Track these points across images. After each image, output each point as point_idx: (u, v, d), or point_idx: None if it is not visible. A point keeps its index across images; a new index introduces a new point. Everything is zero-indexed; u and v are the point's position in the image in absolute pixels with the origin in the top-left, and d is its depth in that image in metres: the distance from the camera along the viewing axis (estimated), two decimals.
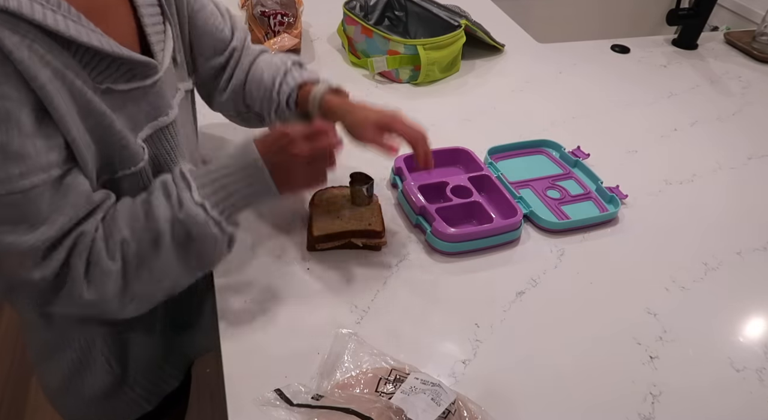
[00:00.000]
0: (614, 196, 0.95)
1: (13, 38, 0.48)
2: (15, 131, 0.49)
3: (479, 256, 0.85)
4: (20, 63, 0.48)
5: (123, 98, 0.60)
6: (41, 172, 0.52)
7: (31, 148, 0.51)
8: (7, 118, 0.49)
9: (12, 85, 0.49)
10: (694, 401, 0.69)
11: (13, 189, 0.50)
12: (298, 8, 1.30)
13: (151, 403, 0.82)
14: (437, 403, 0.60)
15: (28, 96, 0.50)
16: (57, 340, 0.73)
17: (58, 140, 0.54)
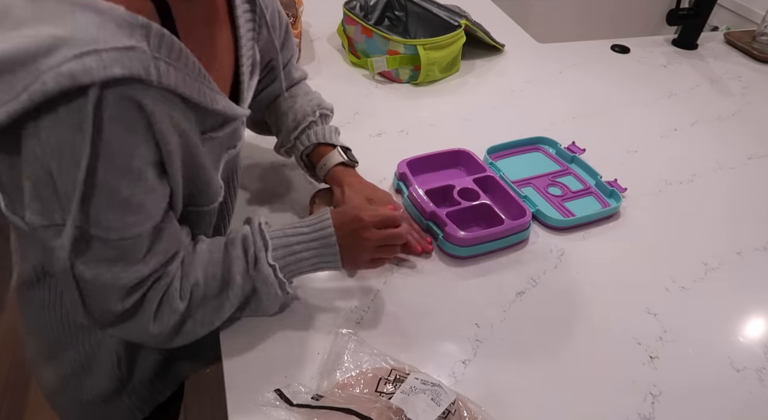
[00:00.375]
0: (614, 190, 0.95)
1: (163, 110, 0.51)
2: (141, 187, 0.53)
3: (488, 258, 0.85)
4: (160, 132, 0.52)
5: (215, 143, 0.64)
6: (151, 221, 0.56)
7: (149, 201, 0.54)
8: (138, 176, 0.52)
9: (149, 147, 0.52)
10: (694, 401, 0.69)
11: (125, 236, 0.54)
12: (298, 8, 1.30)
13: (144, 411, 0.82)
14: (437, 403, 0.60)
15: (156, 155, 0.54)
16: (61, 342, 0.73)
17: (168, 192, 0.58)
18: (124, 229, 0.53)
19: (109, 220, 0.52)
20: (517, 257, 0.86)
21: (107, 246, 0.54)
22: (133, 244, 0.55)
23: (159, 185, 0.55)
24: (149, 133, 0.51)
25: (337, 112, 1.14)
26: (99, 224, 0.52)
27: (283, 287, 0.67)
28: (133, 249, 0.56)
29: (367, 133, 1.09)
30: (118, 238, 0.53)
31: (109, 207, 0.51)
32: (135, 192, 0.52)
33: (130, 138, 0.50)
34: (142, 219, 0.55)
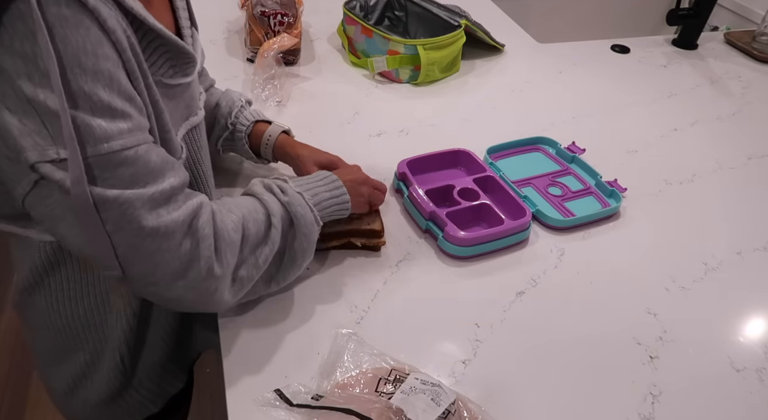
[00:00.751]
0: (614, 190, 0.96)
1: (104, 9, 0.50)
2: (116, 91, 0.51)
3: (487, 258, 0.85)
4: (113, 32, 0.50)
5: (167, 93, 0.63)
6: (144, 132, 0.54)
7: (132, 109, 0.53)
8: (110, 78, 0.50)
9: (110, 48, 0.50)
10: (694, 401, 0.69)
11: (126, 144, 0.52)
12: (298, 8, 1.30)
13: (157, 405, 0.82)
14: (437, 403, 0.60)
15: (120, 61, 0.52)
16: (69, 344, 0.73)
17: (144, 109, 0.55)
18: (122, 135, 0.51)
19: (102, 128, 0.50)
20: (517, 257, 0.86)
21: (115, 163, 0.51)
22: (139, 158, 0.53)
23: (135, 95, 0.54)
24: (104, 32, 0.50)
25: (337, 112, 1.14)
26: (95, 137, 0.50)
27: (314, 213, 0.70)
28: (143, 164, 0.53)
29: (367, 133, 1.09)
30: (120, 148, 0.51)
31: (96, 114, 0.50)
32: (113, 96, 0.51)
33: (87, 36, 0.48)
34: (134, 128, 0.53)
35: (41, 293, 0.70)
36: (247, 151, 0.89)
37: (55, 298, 0.70)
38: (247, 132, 0.88)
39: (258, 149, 0.90)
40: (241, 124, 0.88)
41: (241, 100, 0.90)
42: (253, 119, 0.89)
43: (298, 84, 1.22)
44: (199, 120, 0.72)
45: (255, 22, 1.24)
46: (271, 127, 0.89)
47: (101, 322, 0.72)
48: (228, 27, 1.41)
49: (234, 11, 1.48)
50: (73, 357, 0.74)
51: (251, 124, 0.88)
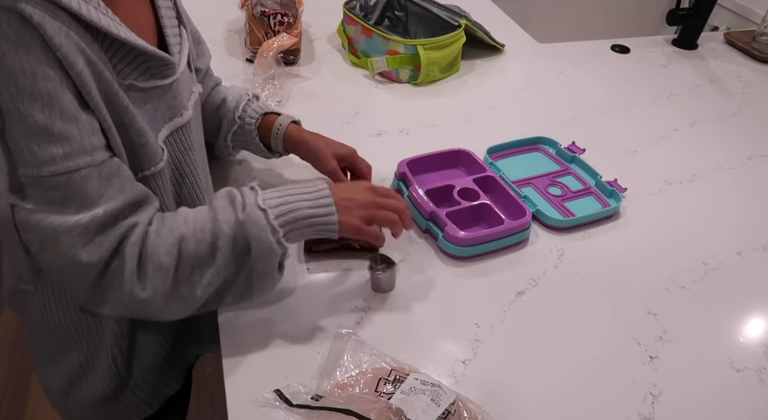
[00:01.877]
0: (614, 190, 0.96)
1: (53, 25, 0.49)
2: (57, 112, 0.50)
3: (487, 258, 0.85)
4: (59, 49, 0.49)
5: (144, 96, 0.62)
6: (85, 155, 0.53)
7: (74, 129, 0.51)
8: (50, 99, 0.50)
9: (53, 67, 0.50)
10: (694, 401, 0.69)
11: (58, 170, 0.51)
12: (298, 8, 1.30)
13: (153, 406, 0.82)
14: (437, 403, 0.60)
15: (67, 80, 0.51)
16: (63, 345, 0.73)
17: (96, 125, 0.54)
18: (53, 162, 0.51)
19: (33, 152, 0.50)
20: (517, 257, 0.86)
21: (45, 186, 0.51)
22: (73, 183, 0.52)
23: (81, 114, 0.52)
24: (47, 50, 0.49)
25: (337, 112, 1.14)
26: (25, 160, 0.50)
27: (276, 236, 0.62)
28: (77, 189, 0.53)
29: (367, 133, 1.09)
30: (51, 174, 0.51)
31: (30, 137, 0.49)
32: (53, 118, 0.50)
33: (26, 55, 0.48)
34: (72, 152, 0.51)
35: (34, 293, 0.70)
36: (258, 144, 0.88)
37: (46, 299, 0.70)
38: (257, 124, 0.86)
39: (268, 141, 0.88)
40: (250, 116, 0.86)
41: (248, 94, 0.89)
42: (262, 111, 0.87)
43: (298, 84, 1.22)
44: (184, 121, 0.70)
45: (255, 22, 1.24)
46: (280, 117, 0.87)
47: (93, 323, 0.72)
48: (228, 27, 1.41)
49: (234, 11, 1.48)
50: (67, 357, 0.74)
51: (260, 116, 0.87)
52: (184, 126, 0.70)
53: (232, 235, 0.61)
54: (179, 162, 0.71)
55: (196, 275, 0.60)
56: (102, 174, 0.55)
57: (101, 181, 0.55)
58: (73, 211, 0.53)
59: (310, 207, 0.65)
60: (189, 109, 0.71)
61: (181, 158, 0.71)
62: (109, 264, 0.56)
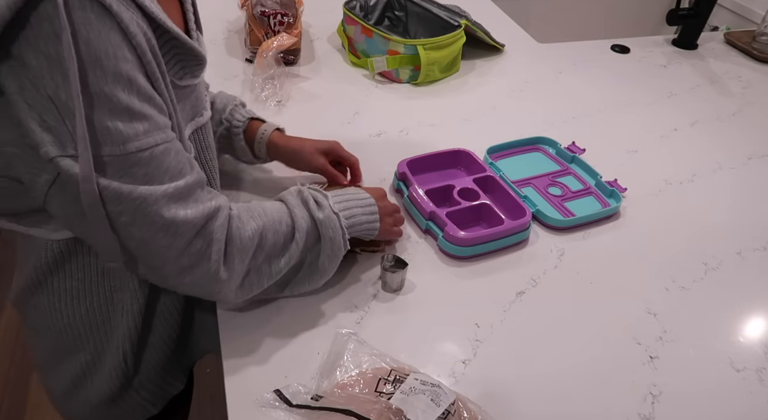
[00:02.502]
0: (614, 190, 0.96)
1: (127, 14, 0.51)
2: (135, 93, 0.52)
3: (487, 258, 0.85)
4: (134, 36, 0.51)
5: (178, 94, 0.63)
6: (161, 132, 0.55)
7: (150, 109, 0.54)
8: (129, 80, 0.52)
9: (130, 52, 0.52)
10: (694, 401, 0.69)
11: (141, 146, 0.53)
12: (298, 8, 1.30)
13: (156, 406, 0.82)
14: (437, 403, 0.60)
15: (140, 63, 0.53)
16: (70, 345, 0.73)
17: (164, 106, 0.57)
18: (137, 137, 0.53)
19: (119, 130, 0.52)
20: (517, 257, 0.86)
21: (130, 163, 0.53)
22: (155, 158, 0.55)
23: (155, 94, 0.55)
24: (123, 36, 0.51)
25: (337, 112, 1.14)
26: (111, 138, 0.52)
27: (345, 238, 0.70)
28: (158, 164, 0.55)
29: (367, 133, 1.09)
30: (136, 150, 0.53)
31: (114, 116, 0.51)
32: (132, 97, 0.52)
33: (108, 39, 0.50)
34: (151, 128, 0.54)
35: (44, 292, 0.70)
36: (243, 147, 0.90)
37: (57, 298, 0.70)
38: (243, 128, 0.89)
39: (252, 146, 0.90)
40: (237, 120, 0.88)
41: (236, 100, 0.91)
42: (248, 116, 0.89)
43: (298, 84, 1.22)
44: (205, 120, 0.72)
45: (255, 22, 1.24)
46: (265, 124, 0.90)
47: (103, 322, 0.72)
48: (228, 27, 1.41)
49: (234, 11, 1.48)
50: (73, 358, 0.74)
51: (246, 120, 0.89)
52: (203, 126, 0.73)
53: (306, 229, 0.68)
54: (201, 160, 0.73)
55: (266, 263, 0.66)
56: (175, 150, 0.57)
57: (176, 157, 0.57)
58: (157, 183, 0.55)
59: (363, 213, 0.74)
60: (208, 109, 0.74)
61: (202, 156, 0.73)
62: (197, 237, 0.59)
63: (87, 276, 0.69)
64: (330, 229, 0.69)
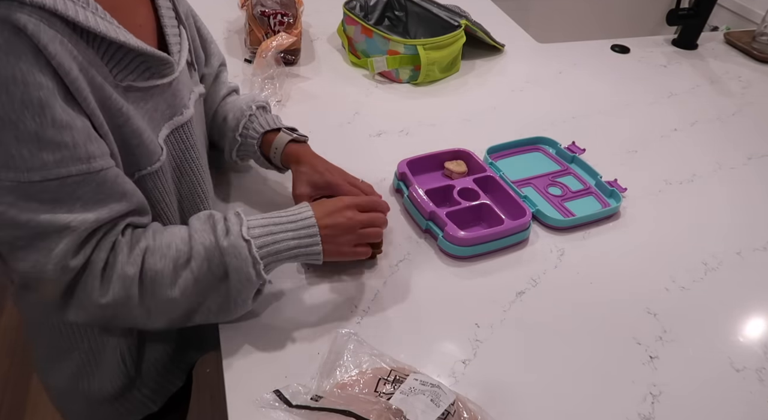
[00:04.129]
0: (614, 190, 0.96)
1: (48, 33, 0.49)
2: (49, 120, 0.50)
3: (487, 258, 0.85)
4: (54, 57, 0.49)
5: (143, 96, 0.62)
6: (79, 163, 0.53)
7: (67, 137, 0.52)
8: (42, 107, 0.50)
9: (46, 75, 0.50)
10: (694, 401, 0.69)
11: (48, 175, 0.51)
12: (298, 8, 1.30)
13: (157, 403, 0.82)
14: (436, 404, 0.60)
15: (61, 87, 0.51)
16: (65, 343, 0.73)
17: (94, 133, 0.55)
18: (45, 167, 0.51)
19: (24, 157, 0.50)
20: (517, 257, 0.86)
21: (35, 189, 0.51)
22: (66, 188, 0.53)
23: (77, 121, 0.52)
24: (39, 58, 0.49)
25: (337, 112, 1.14)
26: (15, 164, 0.50)
27: (257, 268, 0.62)
28: (69, 194, 0.53)
29: (367, 133, 1.09)
30: (41, 179, 0.51)
31: (20, 143, 0.49)
32: (44, 125, 0.50)
33: (17, 64, 0.48)
34: (65, 159, 0.52)
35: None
36: (263, 161, 0.87)
37: None
38: (258, 144, 0.85)
39: (270, 161, 0.86)
40: (251, 137, 0.84)
41: (251, 108, 0.85)
42: (262, 130, 0.84)
43: (297, 84, 1.22)
44: (185, 119, 0.70)
45: (255, 22, 1.24)
46: (277, 137, 0.84)
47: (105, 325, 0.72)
48: (228, 27, 1.41)
49: (234, 11, 1.48)
50: (71, 357, 0.74)
51: (260, 135, 0.84)
52: (185, 124, 0.70)
53: (205, 256, 0.61)
54: (180, 160, 0.71)
55: (163, 290, 0.60)
56: (98, 181, 0.55)
57: (96, 189, 0.55)
58: (65, 211, 0.53)
59: (294, 238, 0.65)
60: (190, 107, 0.71)
61: (182, 156, 0.71)
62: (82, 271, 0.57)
63: None
64: (234, 258, 0.61)
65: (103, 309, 0.59)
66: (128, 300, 0.59)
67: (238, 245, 0.61)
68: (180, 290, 0.61)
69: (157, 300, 0.61)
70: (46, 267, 0.55)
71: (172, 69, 0.65)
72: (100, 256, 0.57)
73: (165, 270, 0.60)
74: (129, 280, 0.59)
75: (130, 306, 0.60)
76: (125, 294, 0.59)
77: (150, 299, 0.60)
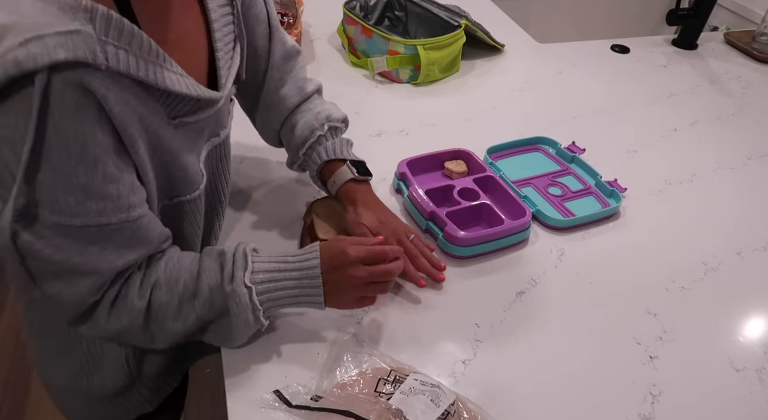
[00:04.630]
0: (614, 190, 0.96)
1: (117, 95, 0.51)
2: (100, 175, 0.52)
3: (487, 258, 0.85)
4: (116, 117, 0.51)
5: (192, 128, 0.63)
6: (120, 212, 0.55)
7: (113, 189, 0.53)
8: (95, 163, 0.51)
9: (106, 133, 0.51)
10: (694, 401, 0.69)
11: (89, 222, 0.53)
12: (298, 8, 1.30)
13: (153, 404, 0.82)
14: (436, 404, 0.60)
15: (117, 143, 0.53)
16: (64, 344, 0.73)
17: (137, 183, 0.57)
18: (86, 215, 0.53)
19: (69, 204, 0.51)
20: (517, 257, 0.86)
21: (73, 232, 0.53)
22: (103, 235, 0.55)
23: (124, 174, 0.54)
24: (103, 118, 0.50)
25: None
26: (60, 209, 0.51)
27: (257, 314, 0.63)
28: (106, 239, 0.55)
29: (367, 133, 1.09)
30: (82, 225, 0.53)
31: (68, 191, 0.51)
32: (94, 179, 0.52)
33: (81, 124, 0.49)
34: (107, 209, 0.54)
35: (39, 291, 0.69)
36: (321, 186, 0.85)
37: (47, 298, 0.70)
38: (319, 169, 0.83)
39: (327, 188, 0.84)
40: (313, 161, 0.82)
41: (322, 127, 0.82)
42: (325, 159, 0.81)
43: None
44: (221, 139, 0.72)
45: None
46: (339, 171, 0.81)
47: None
48: None
49: None
50: (72, 356, 0.74)
51: (322, 164, 0.82)
52: (222, 143, 0.73)
53: (209, 297, 0.62)
54: (216, 173, 0.74)
55: (167, 322, 0.63)
56: (133, 229, 0.57)
57: (131, 235, 0.57)
58: (96, 253, 0.55)
59: (296, 286, 0.65)
60: (227, 127, 0.73)
61: (217, 169, 0.74)
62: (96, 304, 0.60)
63: None
64: (235, 304, 0.62)
65: (109, 332, 0.63)
66: (133, 328, 0.62)
67: (240, 293, 0.62)
68: (182, 323, 0.63)
69: (161, 329, 0.63)
70: (68, 297, 0.58)
71: (216, 101, 0.65)
72: (114, 289, 0.60)
73: (170, 304, 0.62)
74: (136, 312, 0.61)
75: (135, 333, 0.63)
76: (131, 323, 0.62)
77: (154, 327, 0.63)
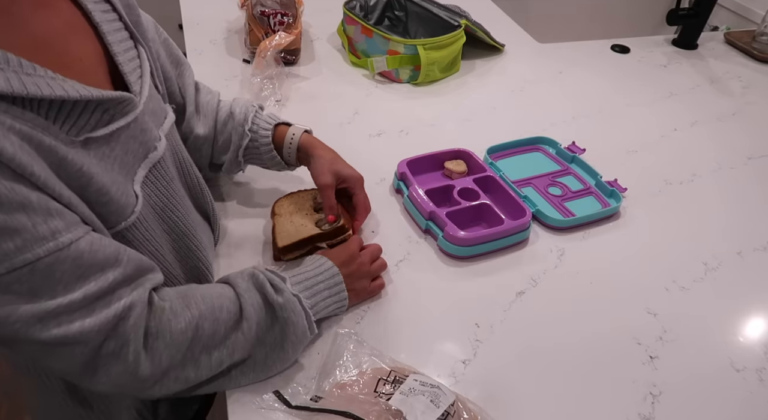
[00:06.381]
0: (615, 190, 0.95)
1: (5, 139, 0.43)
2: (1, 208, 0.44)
3: (487, 258, 0.85)
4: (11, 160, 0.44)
5: (106, 143, 0.55)
6: (44, 242, 0.47)
7: (23, 219, 0.46)
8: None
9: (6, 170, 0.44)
10: (694, 401, 0.69)
11: (15, 265, 0.46)
12: (298, 8, 1.30)
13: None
14: (436, 405, 0.60)
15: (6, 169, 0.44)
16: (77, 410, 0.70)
17: (54, 205, 0.48)
18: (7, 258, 0.45)
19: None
20: (517, 257, 0.86)
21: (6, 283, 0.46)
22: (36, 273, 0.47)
23: (30, 198, 0.46)
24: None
25: (337, 112, 1.14)
26: None
27: (310, 320, 0.64)
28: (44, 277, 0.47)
29: (367, 133, 1.09)
30: (6, 271, 0.45)
31: None
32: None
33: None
34: (26, 243, 0.46)
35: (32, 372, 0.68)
36: (274, 156, 0.84)
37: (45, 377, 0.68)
38: (271, 136, 0.83)
39: (281, 153, 0.85)
40: (263, 128, 0.83)
41: (254, 106, 0.85)
42: (273, 122, 0.83)
43: (297, 84, 1.22)
44: (160, 154, 0.63)
45: (255, 22, 1.24)
46: (292, 127, 0.84)
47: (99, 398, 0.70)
48: (228, 27, 1.41)
49: (234, 11, 1.48)
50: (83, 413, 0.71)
51: (272, 127, 0.83)
52: (160, 160, 0.64)
53: (258, 320, 0.61)
54: (162, 198, 0.65)
55: (204, 354, 0.59)
56: (73, 256, 0.49)
57: (75, 264, 0.49)
58: (47, 299, 0.48)
59: (326, 288, 0.69)
60: (162, 138, 0.64)
61: (163, 193, 0.65)
62: (101, 346, 0.52)
63: None
64: (292, 313, 0.62)
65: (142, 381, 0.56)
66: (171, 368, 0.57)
67: (292, 301, 0.63)
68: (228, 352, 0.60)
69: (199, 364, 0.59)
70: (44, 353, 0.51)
71: (133, 104, 0.57)
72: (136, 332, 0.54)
73: (217, 334, 0.59)
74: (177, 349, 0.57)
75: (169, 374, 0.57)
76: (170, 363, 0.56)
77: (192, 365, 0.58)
